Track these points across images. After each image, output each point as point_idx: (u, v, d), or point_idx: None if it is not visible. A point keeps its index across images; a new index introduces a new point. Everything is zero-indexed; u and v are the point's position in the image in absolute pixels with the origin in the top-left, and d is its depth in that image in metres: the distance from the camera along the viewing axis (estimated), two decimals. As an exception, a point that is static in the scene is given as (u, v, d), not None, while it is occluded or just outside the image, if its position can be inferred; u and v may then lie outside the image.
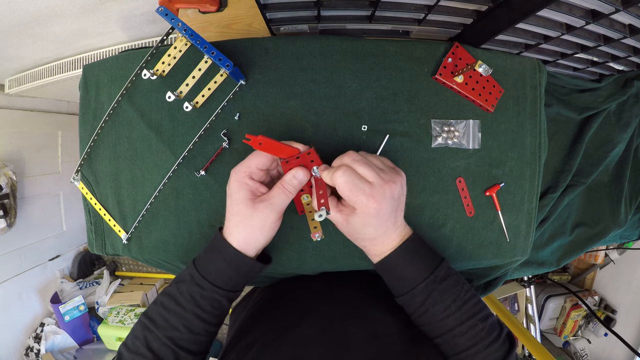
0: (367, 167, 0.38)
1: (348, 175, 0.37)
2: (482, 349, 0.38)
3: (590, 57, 0.54)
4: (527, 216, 0.55)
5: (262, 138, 0.38)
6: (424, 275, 0.40)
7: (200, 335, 0.41)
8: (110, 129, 0.52)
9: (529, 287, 1.58)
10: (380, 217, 0.38)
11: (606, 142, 0.70)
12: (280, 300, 0.52)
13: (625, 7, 0.38)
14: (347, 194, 0.38)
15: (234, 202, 0.40)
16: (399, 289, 0.42)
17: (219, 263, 0.40)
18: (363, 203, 0.37)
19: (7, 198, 1.31)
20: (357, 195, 0.37)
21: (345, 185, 0.37)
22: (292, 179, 0.40)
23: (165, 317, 0.40)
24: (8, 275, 1.45)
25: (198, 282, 0.40)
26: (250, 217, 0.39)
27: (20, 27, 0.87)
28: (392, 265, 0.41)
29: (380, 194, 0.37)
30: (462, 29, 0.49)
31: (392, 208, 0.39)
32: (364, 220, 0.39)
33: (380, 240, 0.41)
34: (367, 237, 0.41)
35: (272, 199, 0.39)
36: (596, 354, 1.69)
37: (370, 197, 0.37)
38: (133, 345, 0.40)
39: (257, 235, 0.40)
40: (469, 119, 0.51)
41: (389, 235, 0.40)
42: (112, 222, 0.54)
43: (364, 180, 0.38)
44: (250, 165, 0.39)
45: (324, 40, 0.48)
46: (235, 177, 0.40)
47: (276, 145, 0.39)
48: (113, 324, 1.59)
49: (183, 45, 0.45)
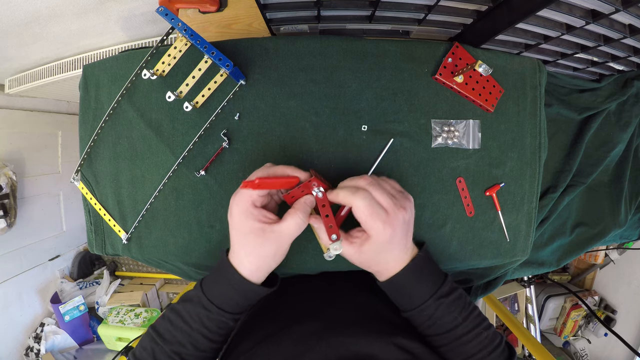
0: (382, 193, 0.39)
1: (369, 200, 0.37)
2: (486, 355, 0.40)
3: (590, 57, 0.54)
4: (527, 216, 0.55)
5: (258, 179, 0.36)
6: (431, 292, 0.40)
7: (206, 352, 0.41)
8: (110, 129, 0.52)
9: (529, 287, 1.58)
10: (394, 242, 0.39)
11: (606, 142, 0.70)
12: (281, 299, 0.52)
13: (625, 7, 0.38)
14: (365, 219, 0.38)
15: (241, 233, 0.38)
16: (407, 305, 0.42)
17: (226, 289, 0.40)
18: (379, 229, 0.37)
19: (7, 198, 1.31)
20: (375, 220, 0.37)
21: (366, 209, 0.37)
22: (303, 207, 0.39)
23: (172, 333, 0.40)
24: (8, 275, 1.45)
25: (205, 305, 0.40)
26: (262, 247, 0.38)
27: (20, 27, 0.87)
28: (401, 284, 0.41)
29: (395, 219, 0.38)
30: (462, 29, 0.49)
31: (404, 232, 0.40)
32: (378, 247, 0.39)
33: (392, 264, 0.41)
34: (381, 263, 0.41)
35: (284, 230, 0.38)
36: (596, 354, 1.68)
37: (386, 224, 0.37)
38: (141, 356, 0.41)
39: (269, 264, 0.39)
40: (469, 119, 0.51)
41: (400, 258, 0.41)
42: (112, 222, 0.54)
43: (380, 206, 0.38)
44: (251, 194, 0.38)
45: (324, 40, 0.48)
46: (238, 208, 0.38)
47: (274, 181, 0.37)
48: (113, 324, 1.59)
49: (183, 45, 0.45)
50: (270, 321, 0.46)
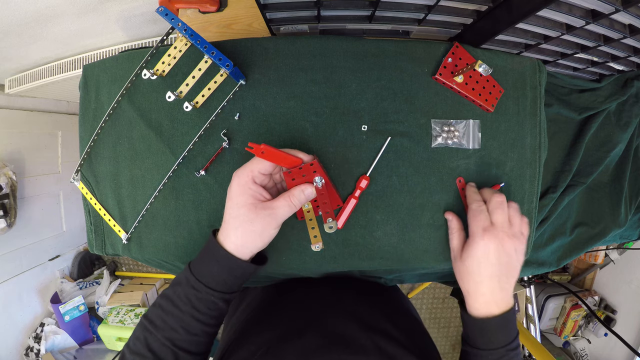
0: (501, 213, 0.43)
1: (482, 209, 0.43)
2: None
3: (590, 57, 0.54)
4: (527, 216, 0.54)
5: (264, 147, 0.37)
6: (507, 342, 0.43)
7: (198, 336, 0.41)
8: (110, 129, 0.52)
9: (529, 287, 1.58)
10: (490, 262, 0.42)
11: (606, 142, 0.70)
12: (283, 303, 0.52)
13: (625, 7, 0.38)
14: (470, 221, 0.44)
15: (235, 205, 0.40)
16: (481, 345, 0.44)
17: (212, 266, 0.40)
18: (478, 235, 0.42)
19: (7, 198, 1.31)
20: (477, 225, 0.42)
21: (472, 213, 0.43)
22: (300, 194, 0.40)
23: (163, 318, 0.40)
24: (8, 275, 1.45)
25: (193, 284, 0.40)
26: (251, 223, 0.39)
27: (20, 27, 0.87)
28: (490, 328, 0.43)
29: (497, 236, 0.41)
30: (462, 29, 0.49)
31: (504, 265, 0.42)
32: (477, 256, 0.42)
33: (486, 298, 0.43)
34: (476, 282, 0.43)
35: (276, 209, 0.39)
36: (596, 354, 1.69)
37: (486, 232, 0.42)
38: (134, 346, 0.40)
39: (255, 240, 0.40)
40: (469, 119, 0.51)
41: (496, 296, 0.43)
42: (112, 222, 0.54)
43: (489, 218, 0.42)
44: (253, 170, 0.39)
45: (324, 40, 0.48)
46: (238, 180, 0.40)
47: (279, 154, 0.38)
48: (113, 324, 1.59)
49: (183, 45, 0.45)
50: (271, 328, 0.46)
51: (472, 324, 0.44)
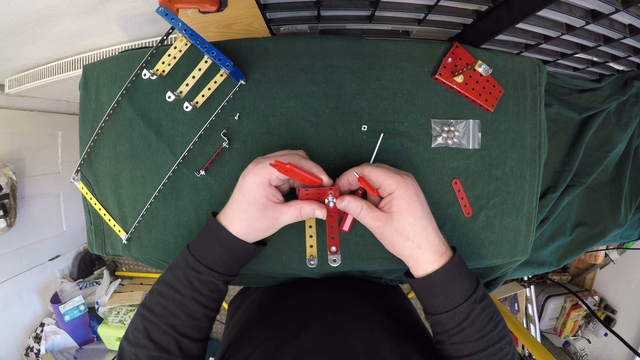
0: (386, 166, 0.41)
1: (377, 166, 0.41)
2: None
3: (590, 57, 0.54)
4: (527, 216, 0.55)
5: (290, 165, 0.37)
6: (466, 295, 0.39)
7: (200, 321, 0.41)
8: (110, 129, 0.52)
9: (529, 287, 1.58)
10: (420, 203, 0.39)
11: (606, 142, 0.70)
12: (283, 304, 0.52)
13: (625, 7, 0.38)
14: (383, 177, 0.39)
15: (247, 201, 0.40)
16: (438, 307, 0.40)
17: (214, 247, 0.40)
18: (400, 181, 0.39)
19: (7, 198, 1.31)
20: (392, 175, 0.39)
21: (380, 171, 0.39)
22: (311, 212, 0.40)
23: (163, 305, 0.40)
24: (8, 275, 1.45)
25: (194, 266, 0.40)
26: (257, 220, 0.40)
27: (20, 27, 0.87)
28: (437, 283, 0.39)
29: (407, 177, 0.40)
30: (462, 29, 0.49)
31: (423, 199, 0.40)
32: (407, 205, 0.38)
33: (428, 256, 0.39)
34: (415, 238, 0.39)
35: (284, 214, 0.40)
36: (596, 354, 1.69)
37: (402, 176, 0.39)
38: (134, 338, 0.39)
39: (256, 235, 0.41)
40: (469, 119, 0.51)
41: (430, 243, 0.39)
42: (112, 222, 0.54)
43: (390, 171, 0.40)
44: (271, 173, 0.39)
45: (324, 40, 0.48)
46: (255, 178, 0.39)
47: (302, 174, 0.38)
48: (113, 324, 1.59)
49: (183, 45, 0.45)
50: (271, 328, 0.46)
51: (421, 286, 0.40)
